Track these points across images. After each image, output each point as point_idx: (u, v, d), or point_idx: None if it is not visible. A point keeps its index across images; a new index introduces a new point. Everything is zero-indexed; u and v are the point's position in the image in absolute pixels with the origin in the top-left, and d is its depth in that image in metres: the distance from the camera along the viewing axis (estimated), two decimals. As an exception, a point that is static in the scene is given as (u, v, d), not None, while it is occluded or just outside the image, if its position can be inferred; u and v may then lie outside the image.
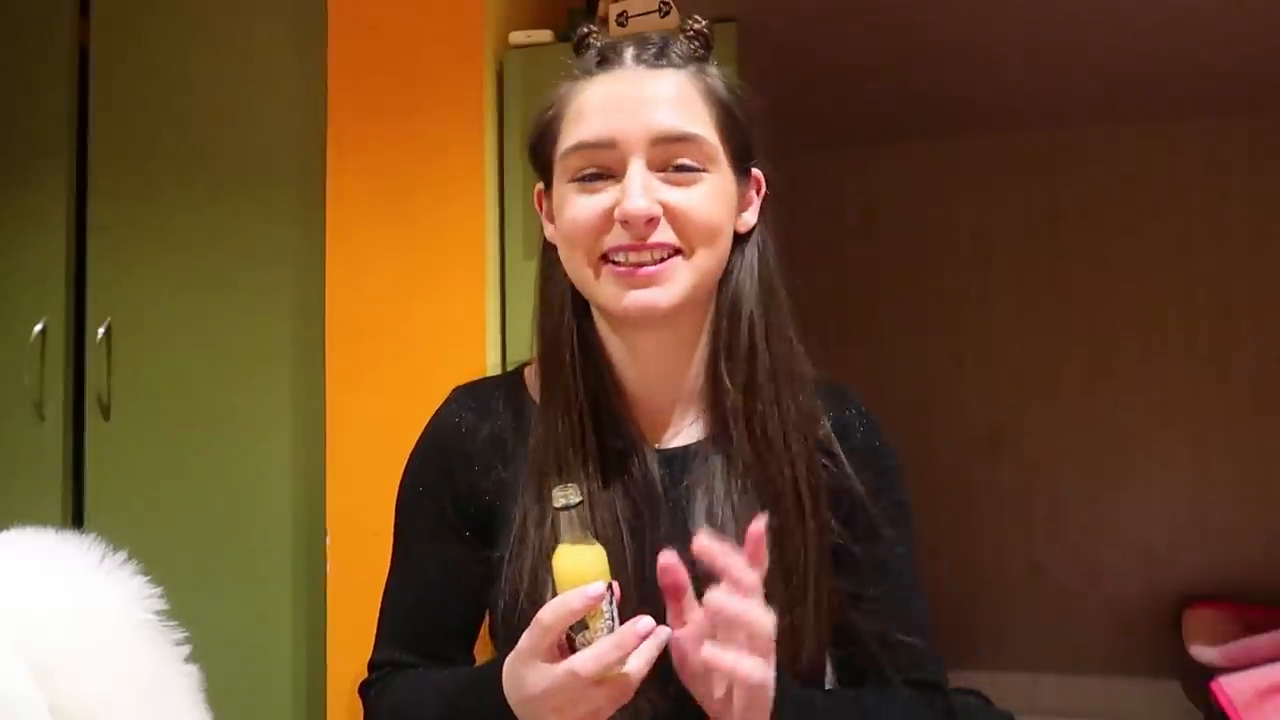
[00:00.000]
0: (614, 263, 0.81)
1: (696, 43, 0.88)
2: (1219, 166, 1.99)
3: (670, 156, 0.81)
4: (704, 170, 0.82)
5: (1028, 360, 2.07)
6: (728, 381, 0.86)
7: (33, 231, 1.71)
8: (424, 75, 1.47)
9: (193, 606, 0.90)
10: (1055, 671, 1.99)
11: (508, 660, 0.76)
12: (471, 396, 0.94)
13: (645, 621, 0.71)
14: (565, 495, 0.74)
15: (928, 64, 1.66)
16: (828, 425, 0.89)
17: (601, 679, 0.71)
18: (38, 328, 1.68)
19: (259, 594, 1.56)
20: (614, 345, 0.88)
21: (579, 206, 0.82)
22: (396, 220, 1.48)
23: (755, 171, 0.90)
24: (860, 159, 2.16)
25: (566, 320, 0.87)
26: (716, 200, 0.83)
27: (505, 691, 0.76)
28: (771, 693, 0.72)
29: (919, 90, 1.81)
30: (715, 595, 0.69)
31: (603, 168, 0.82)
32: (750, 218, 0.89)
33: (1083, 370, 2.04)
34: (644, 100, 0.82)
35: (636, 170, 0.80)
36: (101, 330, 1.65)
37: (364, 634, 1.43)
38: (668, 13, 1.42)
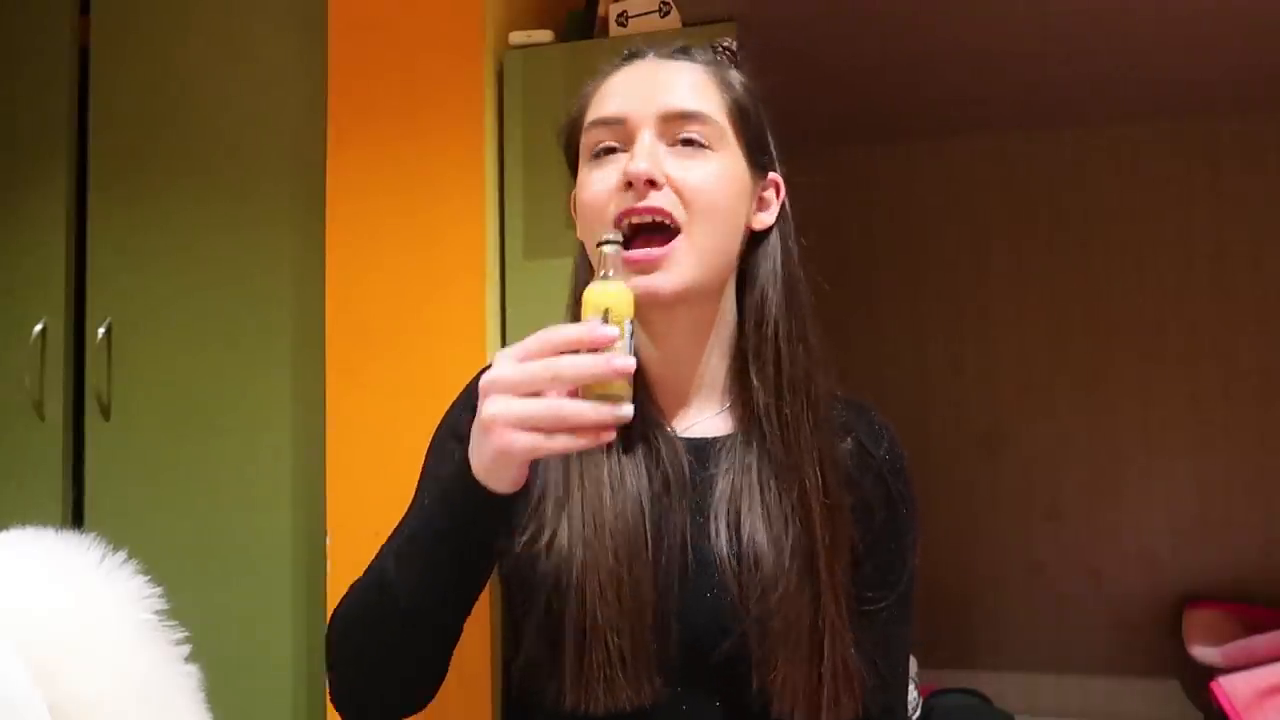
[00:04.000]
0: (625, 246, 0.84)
1: (723, 56, 0.93)
2: (1219, 166, 1.99)
3: (678, 131, 0.85)
4: (710, 148, 0.86)
5: (1027, 360, 2.07)
6: (757, 383, 0.88)
7: (33, 231, 1.71)
8: (424, 75, 1.47)
9: (193, 606, 0.90)
10: (1055, 671, 1.99)
11: None
12: None
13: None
14: (611, 234, 0.76)
15: (928, 64, 1.66)
16: (852, 438, 0.91)
17: (587, 385, 0.69)
18: (38, 328, 1.68)
19: (259, 594, 1.56)
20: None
21: (592, 180, 0.86)
22: (396, 220, 1.48)
23: (774, 175, 0.92)
24: (860, 159, 2.16)
25: None
26: (721, 178, 0.86)
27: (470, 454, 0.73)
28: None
29: (919, 90, 1.81)
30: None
31: (616, 142, 0.86)
32: (767, 218, 0.92)
33: (1082, 370, 2.04)
34: (658, 82, 0.87)
35: (644, 138, 0.84)
36: (101, 330, 1.65)
37: (364, 634, 1.43)
38: (667, 13, 1.42)
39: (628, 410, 0.71)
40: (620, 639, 0.79)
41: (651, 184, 0.83)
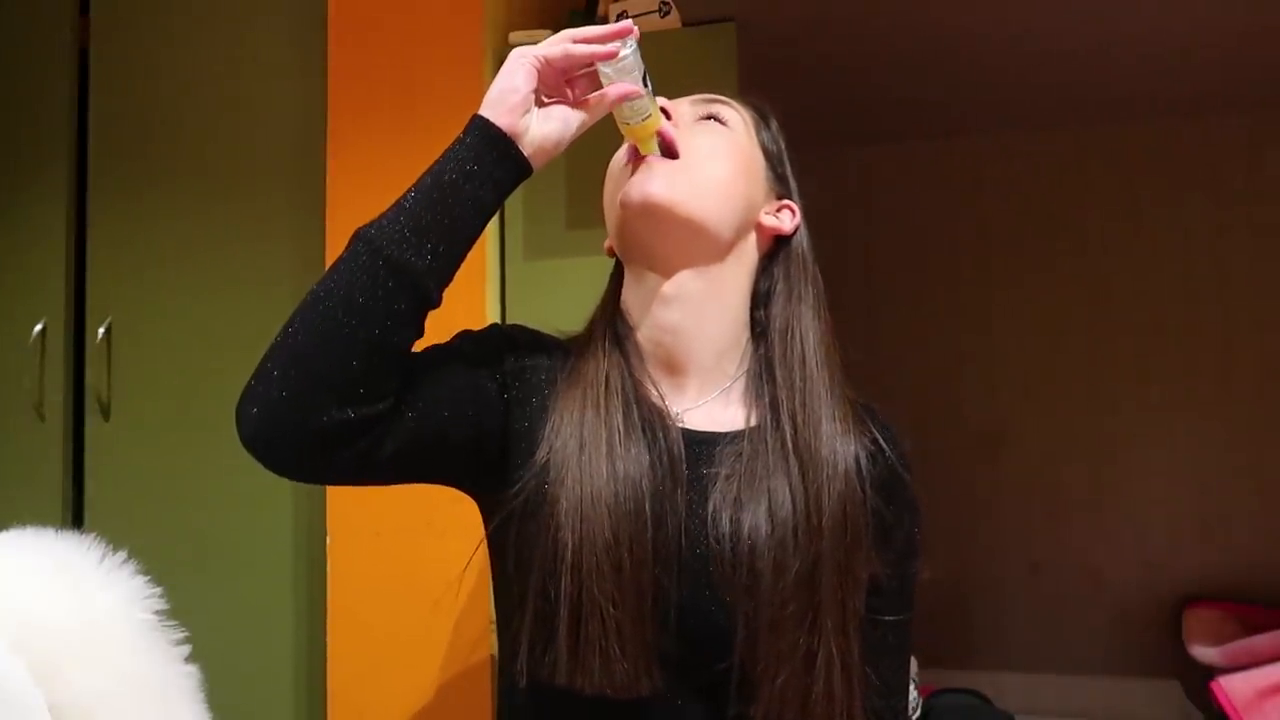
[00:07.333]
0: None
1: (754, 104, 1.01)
2: (1218, 166, 1.99)
3: (704, 111, 0.95)
4: (728, 127, 0.94)
5: (1027, 360, 2.07)
6: (781, 385, 0.89)
7: (33, 231, 1.71)
8: (424, 75, 1.47)
9: (193, 607, 0.90)
10: (1055, 671, 1.99)
11: None
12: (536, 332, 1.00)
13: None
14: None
15: (928, 64, 1.66)
16: (864, 441, 0.90)
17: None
18: (38, 328, 1.68)
19: (259, 595, 1.56)
20: (632, 300, 0.94)
21: (616, 154, 0.95)
22: (396, 220, 1.47)
23: (790, 202, 0.96)
24: (860, 159, 2.16)
25: (608, 309, 0.96)
26: (731, 143, 0.94)
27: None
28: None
29: (920, 90, 1.81)
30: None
31: None
32: (777, 223, 0.95)
33: (1083, 370, 2.04)
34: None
35: (677, 105, 0.95)
36: (101, 330, 1.65)
37: (364, 634, 1.43)
38: (667, 13, 1.42)
39: (629, 85, 0.85)
40: (617, 611, 0.78)
41: (668, 115, 0.91)
